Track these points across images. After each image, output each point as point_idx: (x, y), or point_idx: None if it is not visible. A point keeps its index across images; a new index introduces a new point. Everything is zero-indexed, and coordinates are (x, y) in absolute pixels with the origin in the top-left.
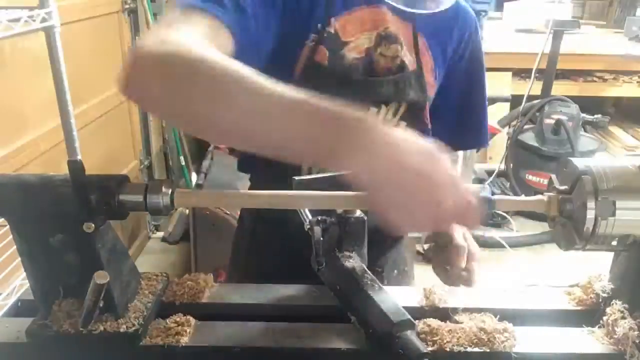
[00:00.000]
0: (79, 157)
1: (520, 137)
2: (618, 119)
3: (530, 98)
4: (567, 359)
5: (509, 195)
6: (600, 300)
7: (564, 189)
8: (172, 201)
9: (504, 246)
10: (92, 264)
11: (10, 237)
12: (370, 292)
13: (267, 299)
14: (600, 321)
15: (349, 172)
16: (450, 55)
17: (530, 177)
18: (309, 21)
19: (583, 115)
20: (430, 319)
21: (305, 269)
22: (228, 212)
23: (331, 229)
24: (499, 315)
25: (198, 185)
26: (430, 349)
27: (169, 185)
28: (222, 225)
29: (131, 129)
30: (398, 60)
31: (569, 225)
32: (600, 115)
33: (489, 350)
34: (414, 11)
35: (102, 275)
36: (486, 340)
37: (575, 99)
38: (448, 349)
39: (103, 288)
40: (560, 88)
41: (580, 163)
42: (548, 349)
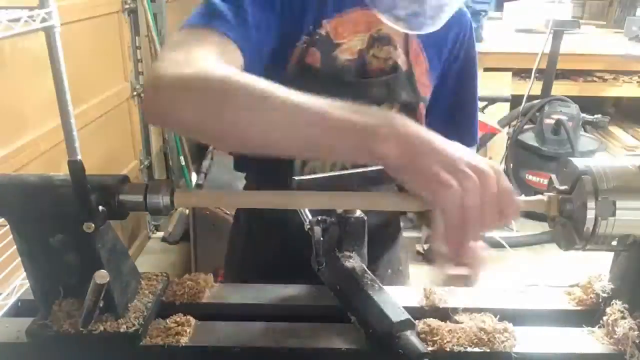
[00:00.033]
0: (79, 157)
1: (520, 137)
2: (618, 119)
3: (530, 98)
4: (567, 359)
5: None
6: (600, 300)
7: (564, 189)
8: (172, 201)
9: (504, 246)
10: (92, 264)
11: (10, 237)
12: (370, 292)
13: (267, 299)
14: (600, 321)
15: (389, 158)
16: (445, 57)
17: (530, 177)
18: (301, 23)
19: (583, 115)
20: (430, 319)
21: (305, 269)
22: (228, 212)
23: (331, 229)
24: (499, 315)
25: (198, 185)
26: (430, 349)
27: (169, 186)
28: (222, 225)
29: (131, 129)
30: (391, 61)
31: (569, 225)
32: (600, 115)
33: (489, 350)
34: (412, 32)
35: (102, 275)
36: (486, 340)
37: (575, 99)
38: (448, 349)
39: (103, 288)
40: (560, 88)
41: (580, 163)
42: (548, 349)
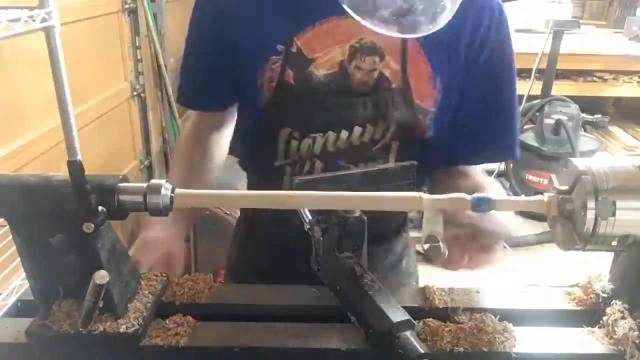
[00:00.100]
0: (79, 157)
1: (520, 137)
2: (618, 119)
3: (530, 98)
4: (567, 359)
5: (509, 195)
6: (600, 300)
7: (564, 189)
8: (172, 201)
9: (504, 246)
10: (92, 264)
11: (10, 237)
12: (370, 292)
13: (267, 299)
14: (600, 321)
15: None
16: (465, 52)
17: (530, 177)
18: (270, 39)
19: (583, 115)
20: (430, 319)
21: (305, 269)
22: (228, 212)
23: (331, 229)
24: (499, 315)
25: None
26: (430, 349)
27: (169, 186)
28: (222, 225)
29: (131, 129)
30: (376, 73)
31: (569, 225)
32: (600, 115)
33: (489, 351)
34: (406, 37)
35: (102, 276)
36: (486, 340)
37: (575, 99)
38: (448, 349)
39: (103, 288)
40: (560, 88)
41: (580, 163)
42: (548, 349)
